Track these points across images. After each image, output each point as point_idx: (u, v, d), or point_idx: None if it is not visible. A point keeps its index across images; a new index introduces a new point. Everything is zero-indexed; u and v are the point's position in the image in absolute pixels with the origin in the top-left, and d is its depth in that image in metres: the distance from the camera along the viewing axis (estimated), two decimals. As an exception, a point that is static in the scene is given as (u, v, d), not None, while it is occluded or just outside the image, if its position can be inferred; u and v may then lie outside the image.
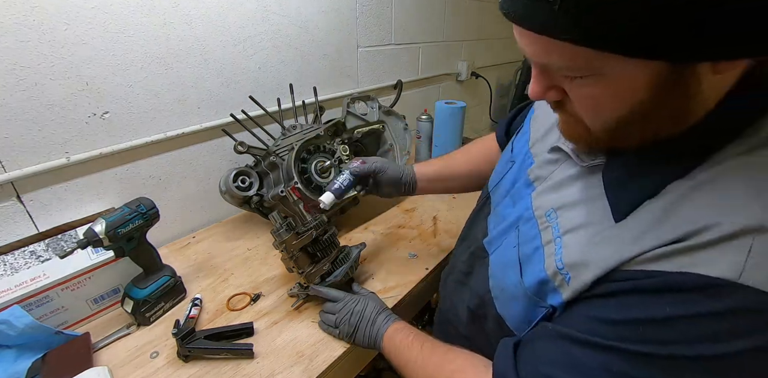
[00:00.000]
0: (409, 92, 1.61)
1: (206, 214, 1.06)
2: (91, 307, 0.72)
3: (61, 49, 0.71)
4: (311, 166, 0.94)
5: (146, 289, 0.70)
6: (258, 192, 0.94)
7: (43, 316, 0.66)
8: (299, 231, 0.68)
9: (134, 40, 0.80)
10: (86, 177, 0.82)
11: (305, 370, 0.63)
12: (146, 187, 0.92)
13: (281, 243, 0.67)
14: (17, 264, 0.68)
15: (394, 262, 0.90)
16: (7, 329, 0.59)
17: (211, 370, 0.63)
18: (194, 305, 0.73)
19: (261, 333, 0.70)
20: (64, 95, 0.74)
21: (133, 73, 0.82)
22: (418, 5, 1.48)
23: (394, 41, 1.45)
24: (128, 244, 0.67)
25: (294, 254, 0.68)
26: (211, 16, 0.90)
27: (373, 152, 1.19)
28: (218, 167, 1.05)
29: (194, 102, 0.94)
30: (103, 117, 0.80)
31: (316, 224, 0.70)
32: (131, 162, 0.88)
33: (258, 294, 0.79)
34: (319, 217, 0.72)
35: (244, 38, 0.98)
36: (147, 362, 0.64)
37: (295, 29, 1.09)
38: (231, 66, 0.98)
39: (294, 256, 0.68)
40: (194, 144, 0.98)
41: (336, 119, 1.03)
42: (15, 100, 0.68)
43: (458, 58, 1.86)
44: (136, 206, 0.67)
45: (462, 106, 1.29)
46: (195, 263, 0.88)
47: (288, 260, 0.69)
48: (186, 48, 0.88)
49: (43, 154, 0.74)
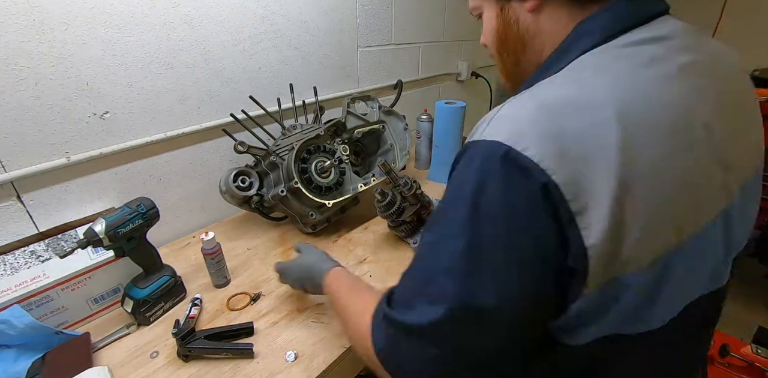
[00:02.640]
0: (409, 92, 1.61)
1: (206, 214, 1.06)
2: (91, 306, 0.72)
3: (61, 49, 0.71)
4: (311, 165, 0.94)
5: (146, 288, 0.70)
6: (258, 192, 0.94)
7: (43, 316, 0.66)
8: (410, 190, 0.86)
9: (134, 40, 0.80)
10: (86, 177, 0.82)
11: (305, 369, 0.63)
12: (146, 187, 0.92)
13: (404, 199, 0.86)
14: (17, 264, 0.68)
15: (394, 261, 0.90)
16: (8, 329, 0.59)
17: (211, 369, 0.63)
18: (194, 305, 0.73)
19: (261, 333, 0.70)
20: (64, 95, 0.74)
21: (133, 73, 0.82)
22: (418, 5, 1.48)
23: (394, 41, 1.45)
24: (128, 244, 0.67)
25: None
26: (211, 16, 0.90)
27: (373, 152, 1.19)
28: (218, 167, 1.05)
29: (194, 102, 0.94)
30: (103, 117, 0.80)
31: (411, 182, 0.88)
32: (131, 162, 0.88)
33: (258, 294, 0.79)
34: (406, 177, 0.89)
35: (244, 38, 0.99)
36: (147, 362, 0.64)
37: (295, 29, 1.09)
38: (231, 66, 0.98)
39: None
40: (194, 144, 0.98)
41: (336, 119, 1.03)
42: (15, 100, 0.68)
43: (458, 58, 1.86)
44: (136, 206, 0.67)
45: (462, 106, 1.29)
46: (195, 263, 0.88)
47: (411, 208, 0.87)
48: (186, 48, 0.88)
49: (44, 154, 0.74)
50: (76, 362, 0.61)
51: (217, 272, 0.80)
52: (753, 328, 1.38)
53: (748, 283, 2.09)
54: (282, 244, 0.97)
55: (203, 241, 0.76)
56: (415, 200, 0.86)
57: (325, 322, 0.73)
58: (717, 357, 1.31)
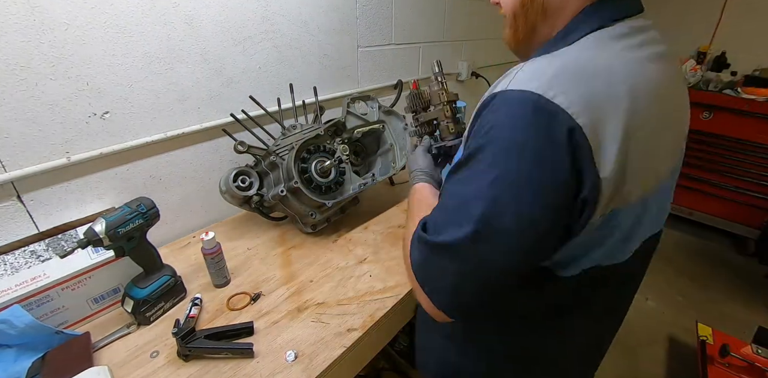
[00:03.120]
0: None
1: (206, 214, 1.06)
2: (92, 306, 0.72)
3: (61, 49, 0.71)
4: (311, 165, 0.94)
5: (146, 288, 0.70)
6: (258, 192, 0.94)
7: (44, 316, 0.66)
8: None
9: (134, 40, 0.80)
10: (86, 177, 0.82)
11: (305, 369, 0.63)
12: (146, 187, 0.92)
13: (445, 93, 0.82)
14: (18, 263, 0.68)
15: (394, 261, 0.90)
16: (8, 328, 0.59)
17: (211, 369, 0.63)
18: (194, 305, 0.73)
19: (261, 332, 0.70)
20: (65, 95, 0.74)
21: (133, 73, 0.82)
22: (419, 5, 1.48)
23: (394, 41, 1.45)
24: (128, 244, 0.67)
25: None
26: (211, 15, 0.90)
27: (373, 152, 1.19)
28: (218, 167, 1.05)
29: (194, 102, 0.94)
30: (104, 117, 0.80)
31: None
32: (131, 162, 0.88)
33: (258, 294, 0.79)
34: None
35: (244, 38, 0.99)
36: (147, 362, 0.64)
37: (295, 29, 1.09)
38: (231, 66, 0.98)
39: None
40: (194, 144, 0.98)
41: (336, 119, 1.03)
42: (15, 100, 0.69)
43: (458, 58, 1.86)
44: (137, 206, 0.67)
45: (462, 105, 1.29)
46: (195, 263, 0.88)
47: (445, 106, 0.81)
48: (186, 48, 0.88)
49: (44, 154, 0.74)
50: (76, 362, 0.61)
51: (217, 272, 0.80)
52: (753, 328, 1.38)
53: (748, 283, 2.09)
54: (282, 244, 0.97)
55: (203, 241, 0.76)
56: (451, 114, 0.83)
57: (325, 321, 0.73)
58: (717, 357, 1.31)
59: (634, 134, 0.39)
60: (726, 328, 1.51)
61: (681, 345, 1.72)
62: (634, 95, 0.40)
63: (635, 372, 1.59)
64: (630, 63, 0.42)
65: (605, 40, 0.44)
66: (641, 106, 0.40)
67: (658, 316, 1.88)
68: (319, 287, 0.82)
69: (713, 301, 1.98)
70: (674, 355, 1.67)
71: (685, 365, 1.60)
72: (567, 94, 0.37)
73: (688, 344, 1.71)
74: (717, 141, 2.25)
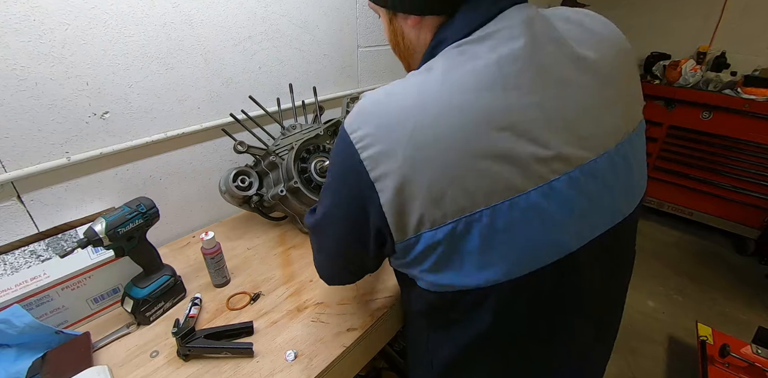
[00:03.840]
0: (409, 92, 1.61)
1: (206, 214, 1.06)
2: (91, 306, 0.72)
3: (61, 49, 0.71)
4: (311, 165, 0.94)
5: (146, 288, 0.70)
6: (258, 192, 0.94)
7: (44, 316, 0.66)
8: None
9: (134, 40, 0.80)
10: (86, 177, 0.82)
11: (305, 369, 0.63)
12: (146, 187, 0.92)
13: None
14: (17, 263, 0.68)
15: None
16: (8, 328, 0.59)
17: (211, 369, 0.63)
18: (194, 304, 0.73)
19: (261, 332, 0.70)
20: (64, 95, 0.74)
21: (133, 73, 0.82)
22: (418, 5, 1.48)
23: (394, 41, 1.45)
24: (128, 244, 0.67)
25: None
26: (211, 15, 0.91)
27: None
28: (218, 167, 1.05)
29: (194, 102, 0.94)
30: (103, 117, 0.80)
31: None
32: (131, 162, 0.88)
33: (258, 293, 0.79)
34: None
35: (244, 38, 0.99)
36: (147, 361, 0.64)
37: (295, 29, 1.09)
38: (231, 66, 0.98)
39: None
40: (194, 144, 0.98)
41: (336, 119, 1.03)
42: (15, 100, 0.69)
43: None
44: (136, 206, 0.67)
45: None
46: (195, 263, 0.88)
47: None
48: (186, 48, 0.89)
49: (44, 154, 0.74)
50: (76, 362, 0.61)
51: (217, 272, 0.80)
52: (753, 328, 1.38)
53: (748, 283, 2.09)
54: (282, 244, 0.97)
55: (203, 241, 0.76)
56: None
57: (324, 321, 0.73)
58: (717, 357, 1.31)
59: (414, 173, 0.40)
60: (726, 328, 1.51)
61: (681, 345, 1.71)
62: (419, 133, 0.40)
63: (635, 372, 1.59)
64: (442, 90, 0.42)
65: (453, 56, 0.44)
66: (427, 144, 0.40)
67: (658, 316, 1.88)
68: (318, 287, 0.82)
69: (713, 301, 1.98)
70: (674, 355, 1.67)
71: (685, 365, 1.60)
72: (361, 129, 0.43)
73: (688, 344, 1.71)
74: (717, 141, 2.25)
